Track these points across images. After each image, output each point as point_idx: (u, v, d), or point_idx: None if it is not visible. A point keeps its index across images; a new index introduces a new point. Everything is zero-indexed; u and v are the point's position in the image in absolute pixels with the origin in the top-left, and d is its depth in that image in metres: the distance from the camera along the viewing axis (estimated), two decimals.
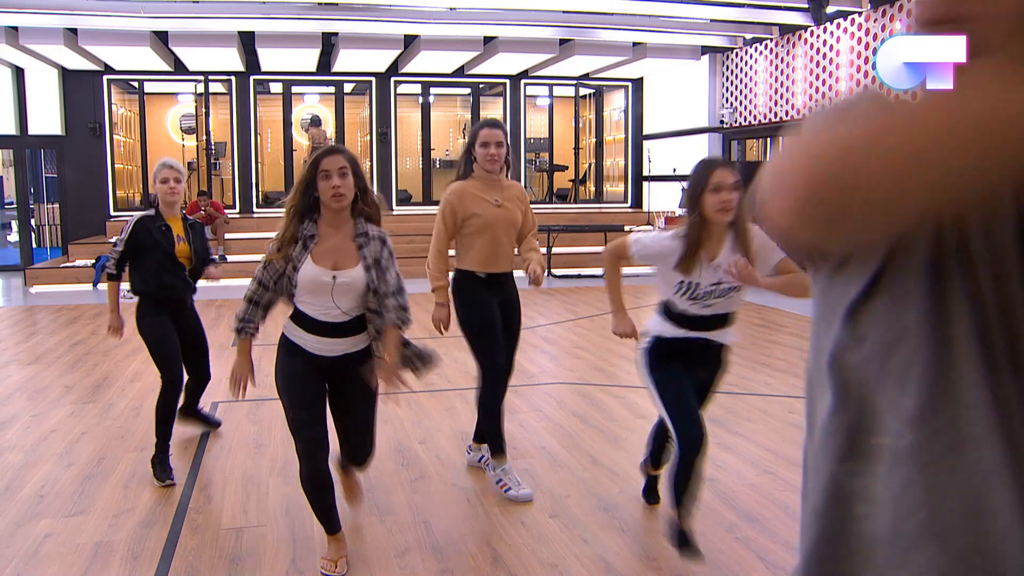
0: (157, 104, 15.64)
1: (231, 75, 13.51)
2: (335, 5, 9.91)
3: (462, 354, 6.98)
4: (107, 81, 13.18)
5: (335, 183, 2.95)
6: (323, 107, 16.29)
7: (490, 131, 3.81)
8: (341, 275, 2.97)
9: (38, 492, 3.86)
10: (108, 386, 5.87)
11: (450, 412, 5.15)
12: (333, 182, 2.95)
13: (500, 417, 3.86)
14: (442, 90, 15.46)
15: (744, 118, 12.25)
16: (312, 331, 3.03)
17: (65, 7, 9.54)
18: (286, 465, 4.20)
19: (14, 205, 13.76)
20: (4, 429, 4.84)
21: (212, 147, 14.59)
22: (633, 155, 15.16)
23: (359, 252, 3.00)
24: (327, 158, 2.99)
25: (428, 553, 3.23)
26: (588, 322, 8.29)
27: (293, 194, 3.05)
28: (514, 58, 12.45)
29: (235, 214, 13.47)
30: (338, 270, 2.98)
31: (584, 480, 3.99)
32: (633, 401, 5.38)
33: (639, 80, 14.88)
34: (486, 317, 3.79)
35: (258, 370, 3.30)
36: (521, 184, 4.12)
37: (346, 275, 2.97)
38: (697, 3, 10.36)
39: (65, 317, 8.87)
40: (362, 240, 3.03)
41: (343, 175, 2.96)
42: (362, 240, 3.03)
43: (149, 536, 3.40)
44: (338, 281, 2.97)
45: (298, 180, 3.06)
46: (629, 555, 3.21)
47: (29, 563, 3.14)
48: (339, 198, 2.96)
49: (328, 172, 2.96)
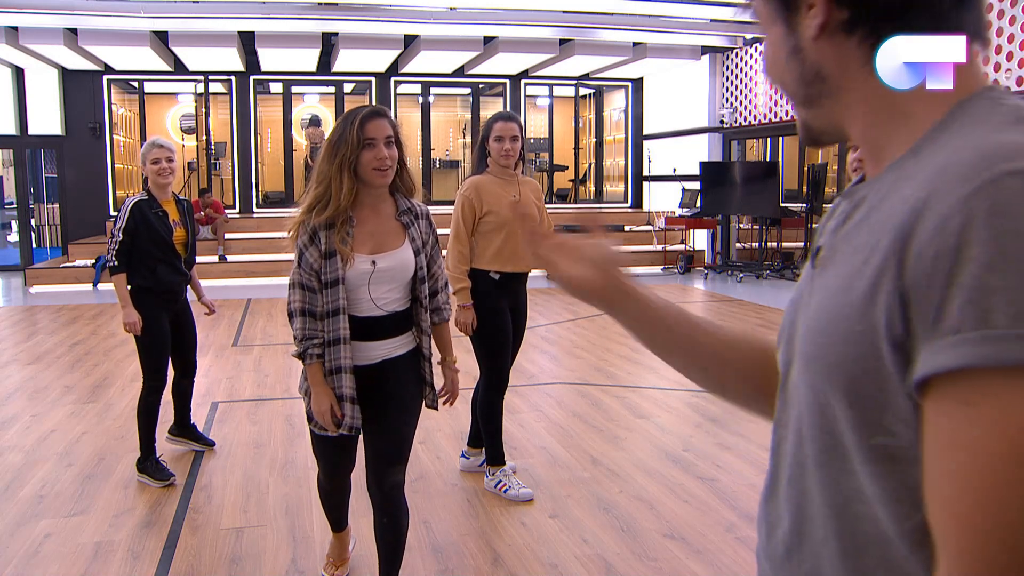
0: (157, 104, 15.64)
1: (231, 75, 13.51)
2: (335, 5, 9.91)
3: (462, 354, 6.98)
4: (107, 81, 13.18)
5: (382, 154, 2.43)
6: (323, 107, 16.29)
7: (505, 124, 3.67)
8: (382, 259, 2.48)
9: (38, 492, 3.86)
10: (108, 386, 5.87)
11: (450, 412, 5.14)
12: (379, 152, 2.43)
13: (500, 425, 3.84)
14: (442, 90, 15.46)
15: (744, 118, 12.25)
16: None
17: (65, 7, 9.54)
18: (286, 465, 4.20)
19: (14, 205, 13.75)
20: (4, 429, 4.84)
21: (212, 147, 14.59)
22: (633, 155, 15.16)
23: (406, 232, 2.52)
24: (372, 122, 2.43)
25: (428, 553, 3.23)
26: (588, 322, 8.28)
27: (326, 169, 2.45)
28: (514, 58, 12.45)
29: (235, 214, 13.47)
30: (378, 253, 2.48)
31: (584, 480, 3.99)
32: (633, 401, 5.38)
33: (639, 80, 14.88)
34: (498, 324, 3.72)
35: (258, 370, 3.27)
36: (537, 182, 4.00)
37: (389, 258, 2.49)
38: (697, 3, 10.36)
39: (65, 317, 8.87)
40: (408, 219, 2.52)
41: (389, 144, 2.45)
42: (408, 219, 2.52)
43: (149, 536, 3.40)
44: (379, 267, 2.48)
45: (329, 151, 2.45)
46: (629, 555, 3.21)
47: (29, 563, 3.14)
48: (385, 173, 2.46)
49: (374, 140, 2.42)
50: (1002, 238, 0.61)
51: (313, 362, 2.49)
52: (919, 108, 0.75)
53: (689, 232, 12.93)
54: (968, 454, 0.61)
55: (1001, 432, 0.60)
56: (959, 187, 0.64)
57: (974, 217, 0.62)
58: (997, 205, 0.61)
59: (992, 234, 0.61)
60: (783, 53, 0.84)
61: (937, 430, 0.64)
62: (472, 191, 3.66)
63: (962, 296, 0.61)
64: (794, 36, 0.82)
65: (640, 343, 1.06)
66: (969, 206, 0.62)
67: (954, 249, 0.62)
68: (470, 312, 3.69)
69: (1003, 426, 0.60)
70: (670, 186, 13.57)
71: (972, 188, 0.63)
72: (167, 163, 3.96)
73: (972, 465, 0.61)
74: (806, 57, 0.81)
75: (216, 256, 11.64)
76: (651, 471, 4.09)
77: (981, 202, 0.62)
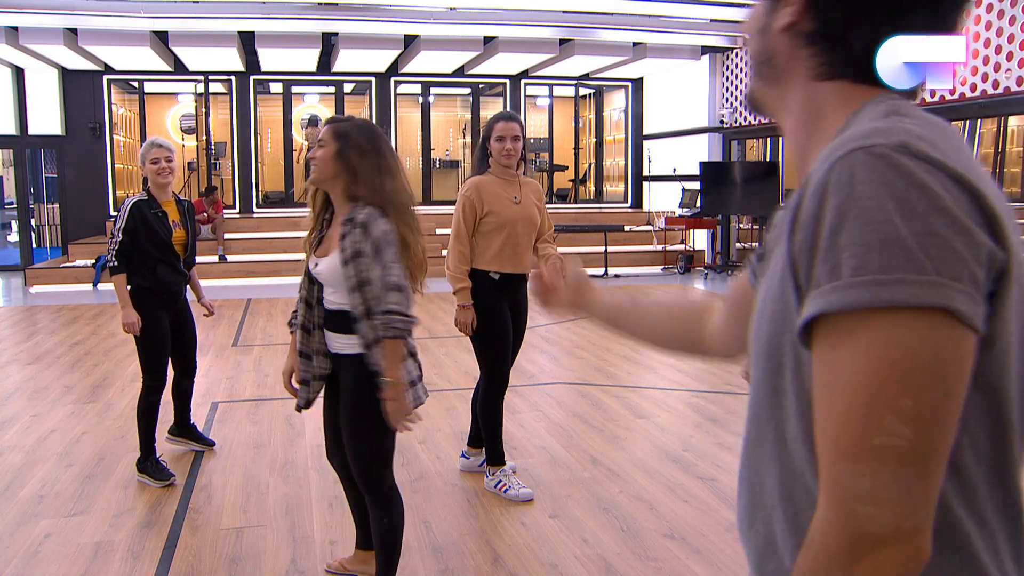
0: (157, 104, 15.64)
1: (231, 75, 13.51)
2: (335, 5, 9.91)
3: (462, 354, 6.99)
4: (107, 81, 13.18)
5: (314, 155, 2.62)
6: (323, 107, 16.29)
7: (506, 124, 3.66)
8: (321, 262, 2.62)
9: (38, 492, 3.86)
10: (108, 386, 5.87)
11: (450, 412, 5.15)
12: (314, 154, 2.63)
13: (500, 425, 3.84)
14: (442, 90, 15.46)
15: (744, 118, 12.25)
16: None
17: (65, 7, 9.54)
18: (286, 465, 4.20)
19: (14, 205, 13.74)
20: (4, 429, 4.84)
21: (212, 147, 14.59)
22: (633, 155, 15.16)
23: (340, 241, 2.56)
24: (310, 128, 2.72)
25: (428, 553, 3.23)
26: (588, 322, 8.27)
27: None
28: (514, 58, 12.45)
29: (235, 214, 13.47)
30: (322, 257, 2.63)
31: (584, 480, 3.99)
32: (633, 401, 5.38)
33: (639, 80, 14.88)
34: (498, 325, 3.71)
35: (258, 370, 3.26)
36: (538, 183, 3.98)
37: (324, 263, 2.61)
38: (697, 3, 10.36)
39: (65, 317, 8.87)
40: (347, 228, 2.54)
41: (322, 146, 2.59)
42: (347, 228, 2.54)
43: (149, 536, 3.40)
44: (317, 269, 2.63)
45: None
46: (629, 555, 3.21)
47: (29, 563, 3.14)
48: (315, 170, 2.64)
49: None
50: (845, 202, 0.72)
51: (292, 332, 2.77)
52: (831, 115, 0.87)
53: (689, 232, 12.93)
54: (835, 388, 0.73)
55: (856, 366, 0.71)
56: (824, 164, 0.75)
57: (828, 186, 0.73)
58: (843, 174, 0.73)
59: (838, 199, 0.72)
60: (756, 24, 0.93)
61: (815, 371, 0.75)
62: (473, 191, 3.65)
63: (820, 255, 0.73)
64: (769, 17, 0.90)
65: (612, 332, 1.38)
66: (826, 178, 0.74)
67: (814, 216, 0.74)
68: (470, 312, 3.67)
69: (858, 361, 0.71)
70: (670, 186, 13.57)
71: (830, 163, 0.74)
72: (166, 163, 3.95)
73: (839, 395, 0.72)
74: (768, 41, 0.91)
75: (216, 256, 11.65)
76: (651, 471, 4.09)
77: (833, 174, 0.73)
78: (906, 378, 0.69)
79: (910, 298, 0.68)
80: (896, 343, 0.69)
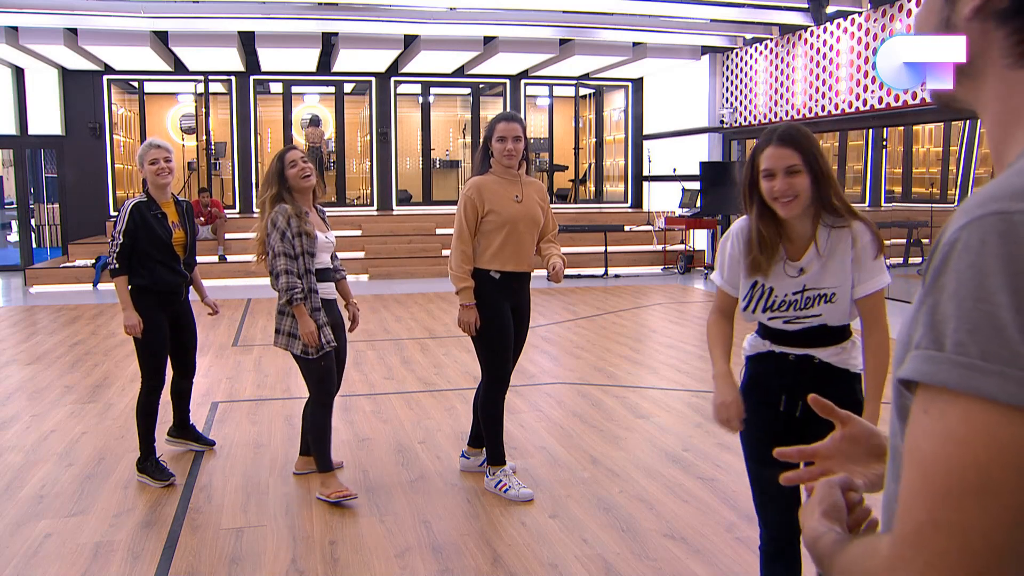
0: (157, 104, 15.65)
1: (231, 75, 13.51)
2: (335, 5, 9.91)
3: (462, 354, 6.99)
4: (107, 81, 13.18)
5: (299, 166, 3.70)
6: (323, 107, 16.30)
7: (507, 124, 3.66)
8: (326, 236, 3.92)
9: (38, 492, 3.86)
10: (108, 386, 5.87)
11: (450, 412, 5.15)
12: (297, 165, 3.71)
13: (501, 425, 3.84)
14: (442, 90, 15.47)
15: (744, 118, 12.25)
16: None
17: (65, 7, 9.54)
18: (286, 465, 4.20)
19: (14, 205, 13.75)
20: (4, 429, 4.84)
21: (212, 147, 14.59)
22: (633, 155, 15.16)
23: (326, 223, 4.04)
24: (290, 152, 3.78)
25: (428, 553, 3.23)
26: (588, 322, 8.29)
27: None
28: (514, 58, 12.45)
29: (235, 214, 13.48)
30: (323, 233, 3.91)
31: (584, 480, 3.99)
32: (633, 401, 5.38)
33: (639, 80, 14.88)
34: (499, 324, 3.70)
35: (258, 370, 3.27)
36: (541, 183, 3.97)
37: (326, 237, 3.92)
38: (697, 3, 10.36)
39: (65, 317, 8.87)
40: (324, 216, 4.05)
41: (304, 161, 3.74)
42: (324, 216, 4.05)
43: (149, 536, 3.40)
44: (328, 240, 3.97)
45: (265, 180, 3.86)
46: (629, 555, 3.21)
47: (29, 563, 3.14)
48: (307, 180, 3.73)
49: (295, 162, 3.71)
50: (964, 271, 0.67)
51: (298, 303, 3.70)
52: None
53: (689, 232, 12.93)
54: (917, 454, 0.70)
55: (938, 446, 0.68)
56: (960, 218, 0.69)
57: (955, 248, 0.68)
58: (971, 241, 0.67)
59: (958, 266, 0.67)
60: (934, 20, 0.82)
61: (908, 427, 0.72)
62: (474, 191, 3.66)
63: (926, 316, 0.69)
64: (949, 8, 0.80)
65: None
66: (956, 237, 0.68)
67: (937, 273, 0.70)
68: (472, 312, 3.66)
69: (940, 440, 0.67)
70: (670, 186, 13.57)
71: (964, 221, 0.68)
72: (165, 163, 3.95)
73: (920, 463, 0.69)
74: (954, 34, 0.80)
75: (216, 256, 11.65)
76: (651, 471, 4.09)
77: (964, 235, 0.68)
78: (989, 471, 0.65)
79: (1002, 393, 0.65)
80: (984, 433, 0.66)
